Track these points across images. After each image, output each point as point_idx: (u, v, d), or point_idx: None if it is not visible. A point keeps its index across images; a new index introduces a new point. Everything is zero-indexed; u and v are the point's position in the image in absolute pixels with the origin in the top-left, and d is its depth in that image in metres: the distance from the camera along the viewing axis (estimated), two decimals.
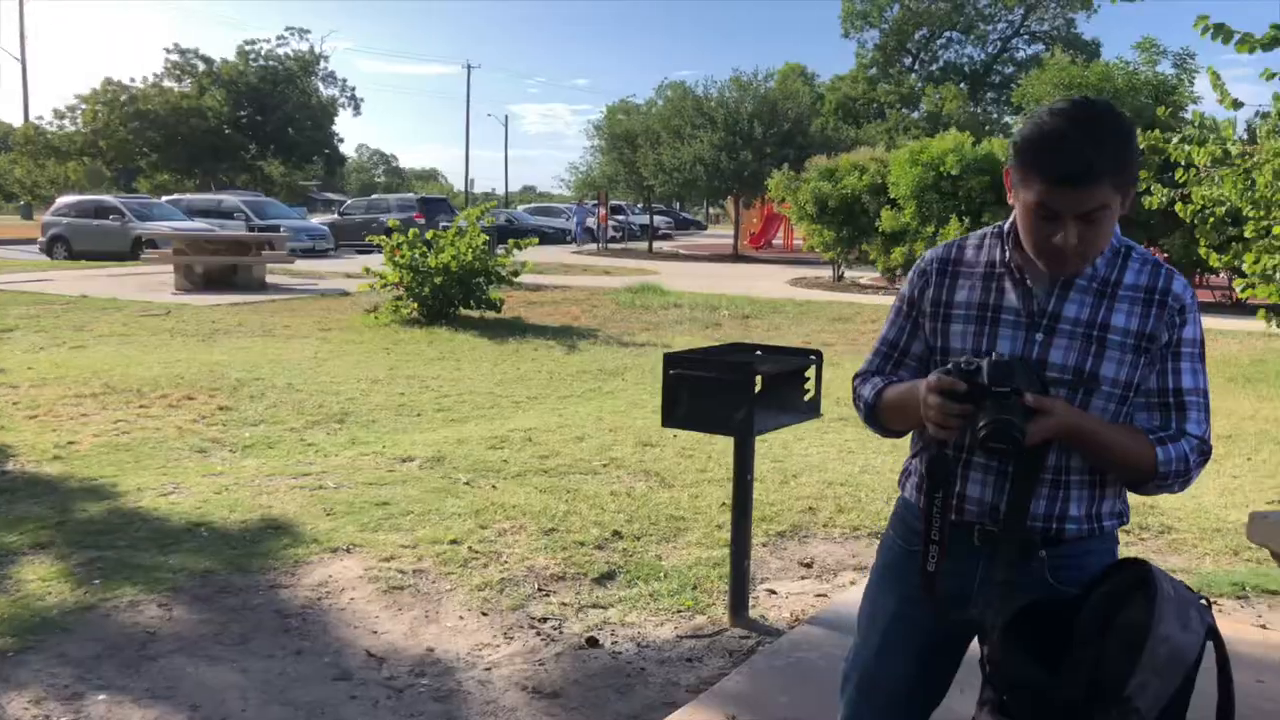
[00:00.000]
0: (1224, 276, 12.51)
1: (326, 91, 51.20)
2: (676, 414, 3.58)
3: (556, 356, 10.60)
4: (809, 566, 4.50)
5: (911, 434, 1.94)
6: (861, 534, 4.90)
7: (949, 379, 1.63)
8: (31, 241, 27.38)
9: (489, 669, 3.44)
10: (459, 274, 12.60)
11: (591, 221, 35.65)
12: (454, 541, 4.60)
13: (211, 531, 4.70)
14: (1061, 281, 1.72)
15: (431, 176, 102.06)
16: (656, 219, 39.37)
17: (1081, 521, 1.73)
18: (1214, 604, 1.58)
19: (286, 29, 49.39)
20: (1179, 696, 1.51)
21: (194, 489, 5.35)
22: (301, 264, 21.91)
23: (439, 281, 12.50)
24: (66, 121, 45.20)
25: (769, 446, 6.20)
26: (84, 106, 44.42)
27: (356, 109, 57.18)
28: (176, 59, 47.07)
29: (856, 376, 1.96)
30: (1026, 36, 51.54)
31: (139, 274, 19.01)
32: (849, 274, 21.71)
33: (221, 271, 17.03)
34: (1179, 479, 1.69)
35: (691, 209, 57.64)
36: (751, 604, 3.93)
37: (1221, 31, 8.64)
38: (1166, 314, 1.71)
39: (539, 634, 3.72)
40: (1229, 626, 2.70)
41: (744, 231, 33.85)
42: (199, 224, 24.67)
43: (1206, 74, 10.36)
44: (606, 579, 4.25)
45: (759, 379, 3.49)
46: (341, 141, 54.41)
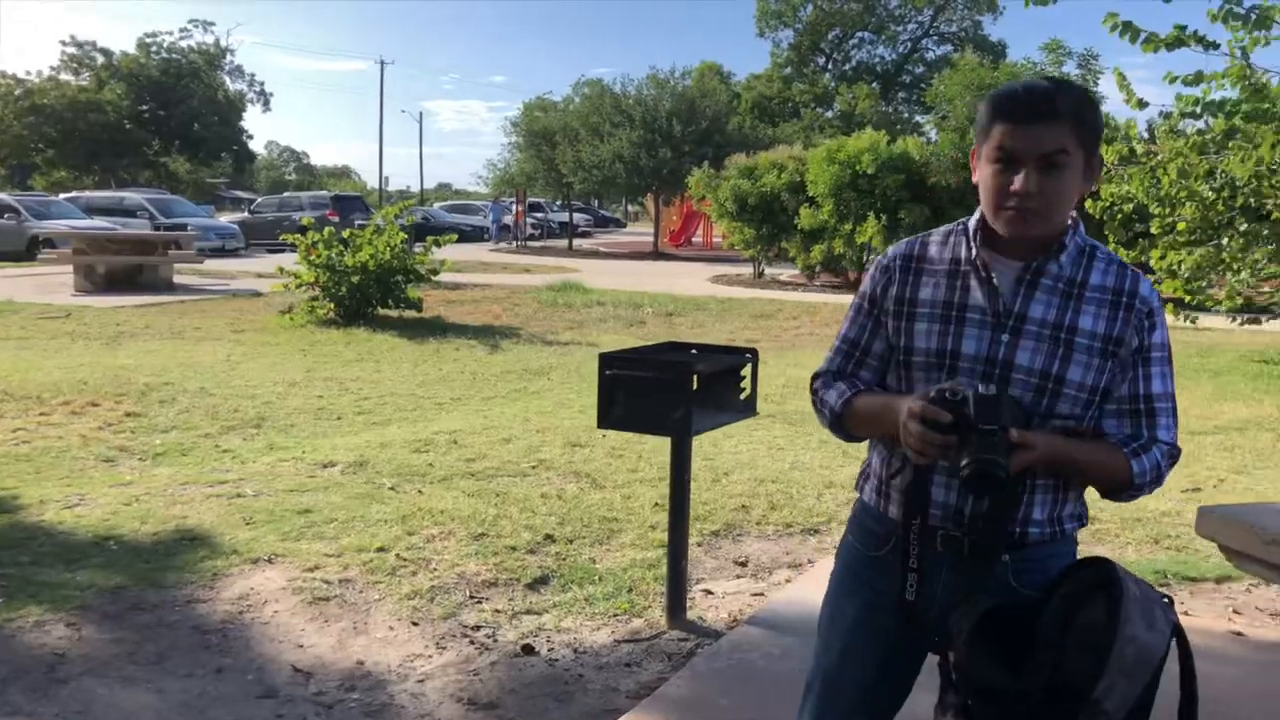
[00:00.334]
0: None
1: (234, 86, 49.91)
2: (613, 415, 3.51)
3: (479, 356, 10.44)
4: (744, 565, 4.47)
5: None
6: (795, 531, 4.89)
7: (933, 410, 1.57)
8: None
9: (422, 681, 3.33)
10: (377, 273, 12.35)
11: (508, 219, 35.22)
12: (381, 549, 4.46)
13: (121, 545, 4.48)
14: (1028, 280, 1.69)
15: (344, 174, 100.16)
16: (576, 216, 39.26)
17: (1044, 525, 1.71)
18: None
19: (189, 21, 47.92)
20: (1145, 696, 1.50)
21: (101, 500, 5.10)
22: (211, 264, 21.24)
23: (357, 281, 12.23)
24: None
25: (699, 445, 6.14)
26: None
27: (266, 104, 55.81)
28: (74, 51, 45.39)
29: (816, 377, 1.90)
30: (936, 37, 52.68)
31: (36, 275, 18.22)
32: (769, 271, 21.90)
33: (125, 272, 16.42)
34: (1152, 485, 1.71)
35: (610, 206, 57.62)
36: (688, 605, 3.89)
37: (1129, 30, 8.91)
38: (1135, 318, 1.70)
39: (472, 643, 3.62)
40: None
41: (664, 229, 33.93)
42: (100, 222, 23.75)
43: (1112, 75, 10.69)
44: (540, 584, 4.17)
45: (696, 378, 3.44)
46: (250, 138, 53.07)
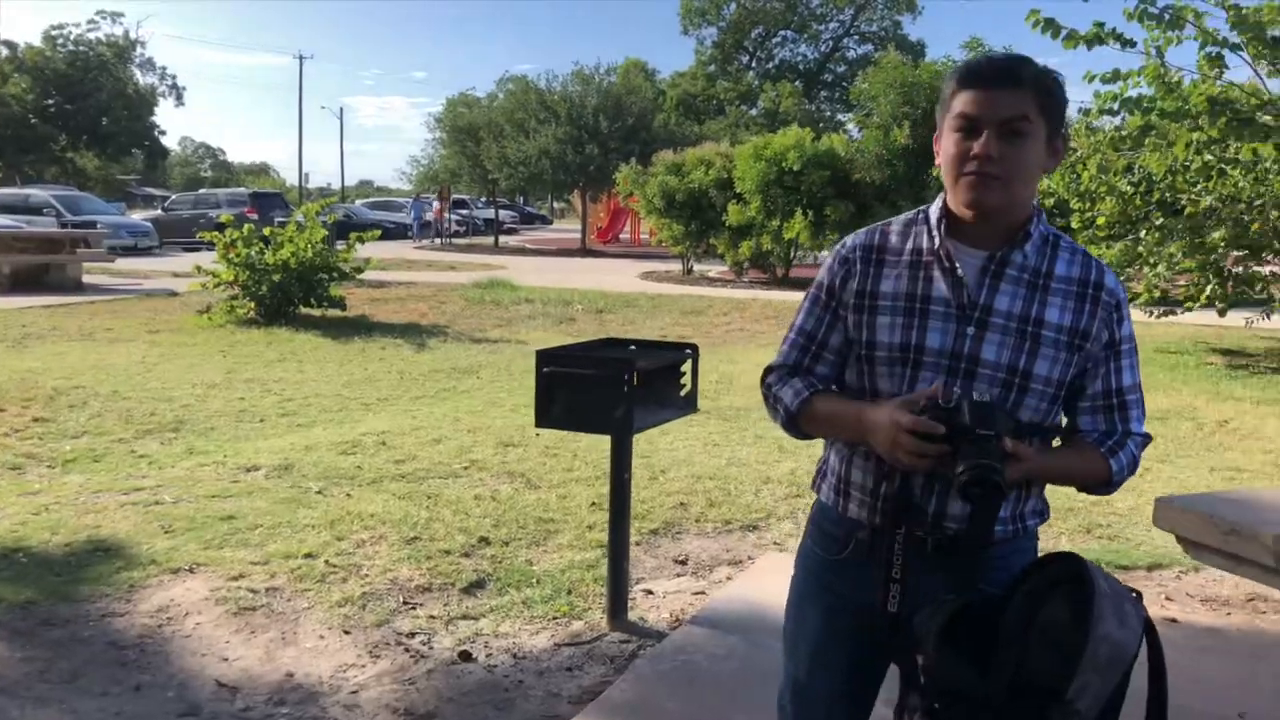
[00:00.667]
0: None
1: (144, 80, 48.38)
2: (551, 414, 3.42)
3: (406, 355, 10.23)
4: (684, 564, 4.41)
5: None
6: (734, 528, 4.85)
7: (927, 424, 1.52)
8: None
9: (355, 692, 3.20)
10: (299, 271, 12.06)
11: (430, 216, 34.55)
12: (309, 555, 4.30)
13: (30, 557, 4.24)
14: (993, 271, 1.65)
15: (263, 171, 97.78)
16: (501, 213, 38.88)
17: (1008, 523, 1.68)
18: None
19: (97, 13, 46.16)
20: (1116, 694, 1.47)
21: (8, 510, 4.84)
22: (123, 263, 20.54)
23: (278, 279, 11.92)
24: None
25: (635, 442, 6.09)
26: None
27: (179, 99, 54.22)
28: None
29: (770, 372, 1.83)
30: (857, 36, 53.46)
31: None
32: (698, 267, 21.94)
33: (31, 271, 15.77)
34: (1129, 476, 1.71)
35: (536, 203, 57.25)
36: (629, 606, 3.81)
37: (1051, 26, 9.09)
38: (1103, 310, 1.67)
39: (407, 651, 3.50)
40: None
41: (591, 226, 33.82)
42: (4, 220, 22.76)
43: None
44: (476, 588, 4.05)
45: (636, 375, 3.37)
46: (163, 134, 51.53)
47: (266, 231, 12.28)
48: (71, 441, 6.29)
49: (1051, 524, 4.88)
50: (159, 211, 31.59)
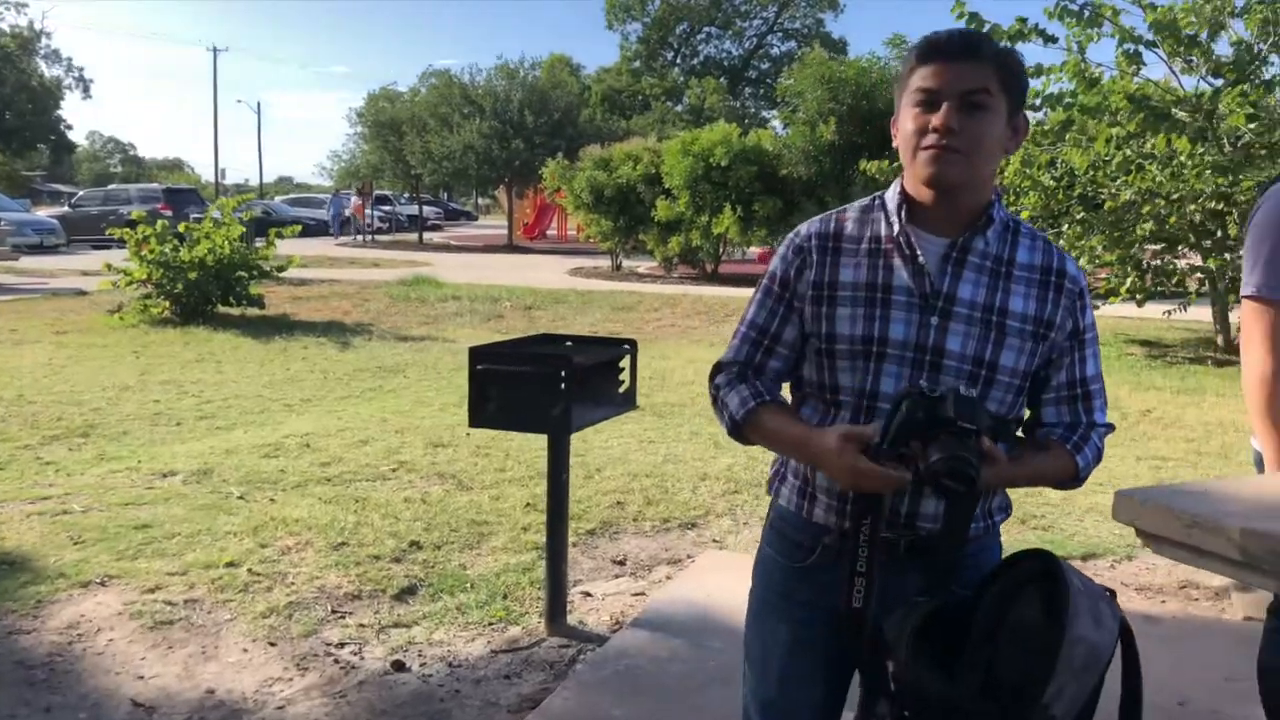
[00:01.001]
0: None
1: (50, 72, 46.53)
2: (486, 413, 3.29)
3: (329, 354, 9.96)
4: (622, 564, 4.32)
5: None
6: (672, 526, 4.78)
7: (888, 475, 1.47)
8: None
9: (282, 707, 3.05)
10: (216, 269, 11.70)
11: (349, 213, 33.55)
12: (230, 564, 4.11)
13: None
14: (955, 258, 1.59)
15: (176, 166, 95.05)
16: (425, 209, 38.33)
17: (979, 519, 1.63)
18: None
19: (0, 3, 44.30)
20: (1092, 697, 1.41)
21: None
22: (28, 261, 19.72)
23: (194, 277, 11.54)
24: None
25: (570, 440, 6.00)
26: None
27: (86, 91, 52.26)
28: None
29: (718, 370, 1.74)
30: (780, 34, 53.90)
31: None
32: (627, 263, 21.87)
33: None
34: (1094, 468, 1.67)
35: (461, 199, 56.62)
36: (568, 609, 3.71)
37: (975, 20, 9.21)
38: (1066, 298, 1.63)
39: (337, 662, 3.35)
40: None
41: (518, 222, 33.52)
42: None
43: None
44: (408, 594, 3.91)
45: (574, 371, 3.26)
46: (70, 128, 49.62)
47: (182, 228, 11.89)
48: None
49: None
50: (66, 208, 30.44)
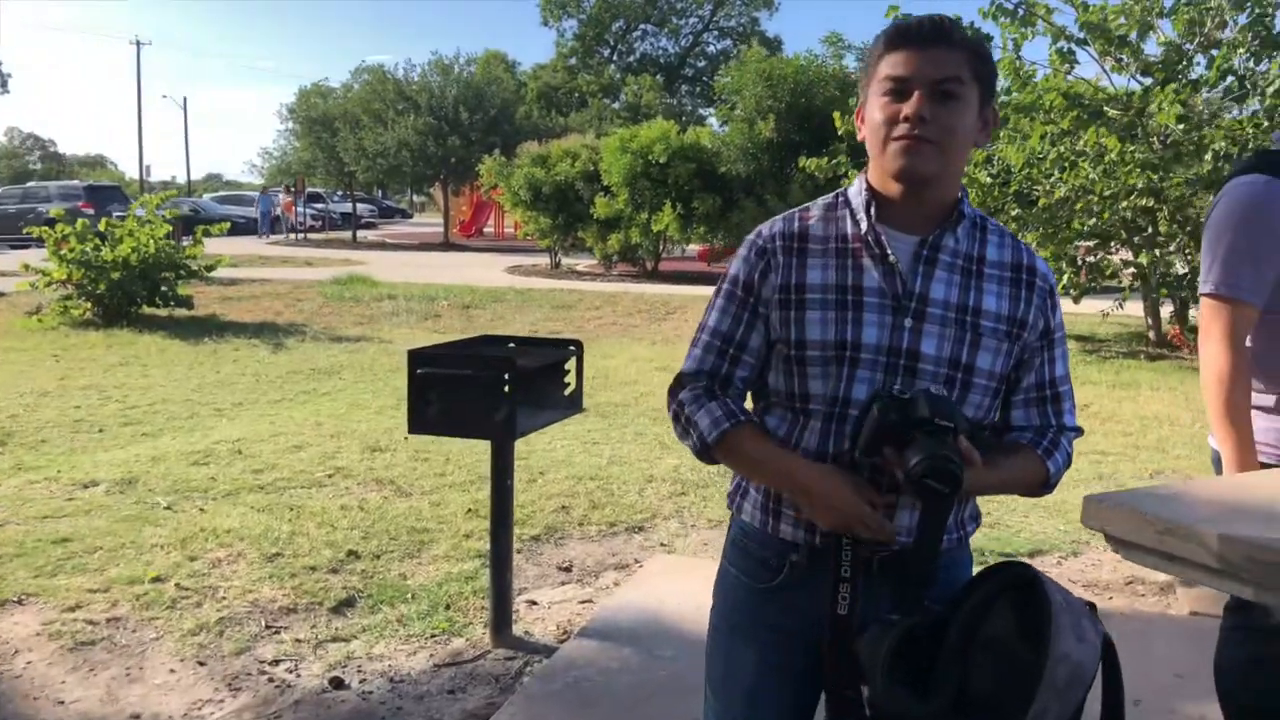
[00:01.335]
0: None
1: None
2: (426, 418, 3.16)
3: (261, 356, 9.69)
4: (568, 570, 4.22)
5: None
6: (619, 530, 4.68)
7: (887, 527, 1.42)
8: None
9: None
10: (141, 268, 11.33)
11: (278, 211, 32.66)
12: (157, 579, 3.92)
13: None
14: (925, 257, 1.51)
15: (99, 163, 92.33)
16: (360, 207, 37.71)
17: (952, 530, 1.55)
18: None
19: None
20: (1075, 716, 1.35)
21: None
22: None
23: (117, 277, 11.16)
24: None
25: None
26: None
27: (3, 86, 50.49)
28: None
29: (681, 384, 1.62)
30: (716, 32, 54.05)
31: None
32: (566, 261, 21.74)
33: None
34: (1064, 472, 1.61)
35: (396, 197, 55.83)
36: (513, 619, 3.59)
37: None
38: (1038, 297, 1.56)
39: (272, 681, 3.20)
40: None
41: (454, 219, 33.14)
42: None
43: None
44: (346, 607, 3.77)
45: (518, 374, 3.15)
46: None
47: (103, 225, 11.48)
48: None
49: None
50: None
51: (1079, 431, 1.63)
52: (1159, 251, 9.77)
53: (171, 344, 10.25)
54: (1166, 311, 10.83)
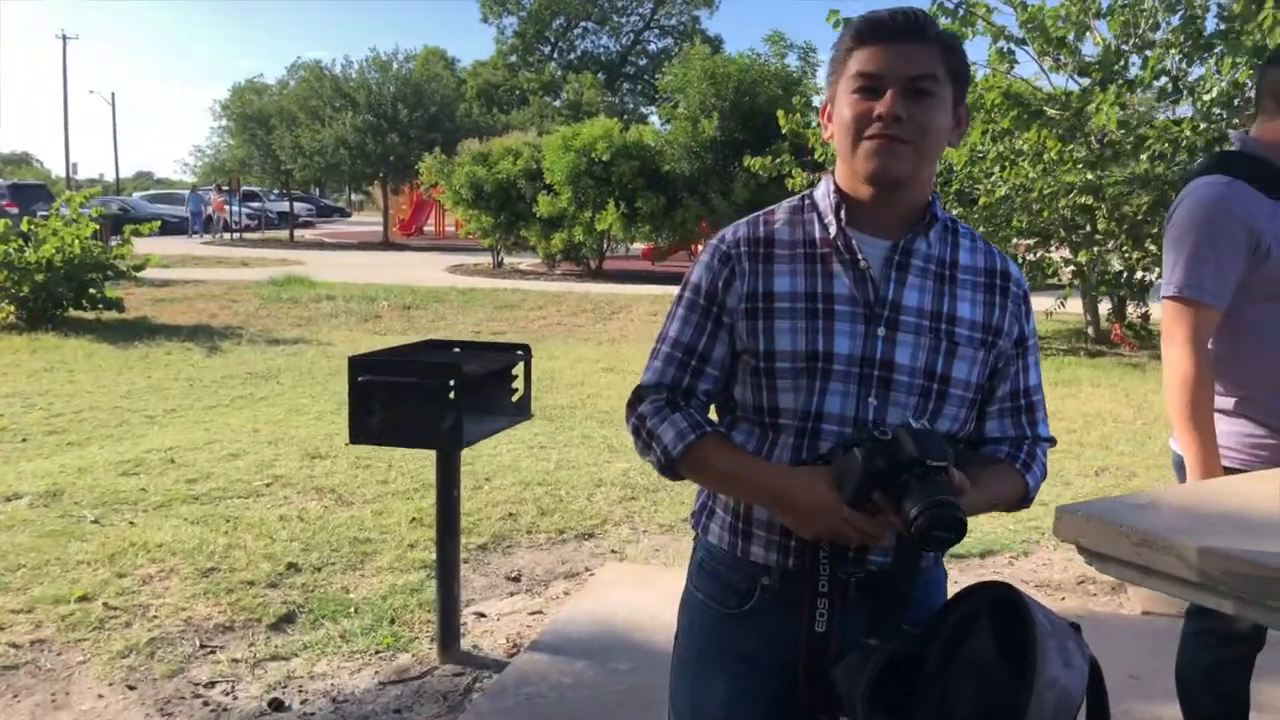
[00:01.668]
0: None
1: None
2: (368, 428, 3.04)
3: (195, 360, 9.41)
4: (517, 580, 4.11)
5: None
6: (568, 537, 4.58)
7: (872, 525, 1.31)
8: None
9: None
10: (66, 269, 10.99)
11: (209, 210, 31.73)
12: (84, 598, 3.74)
13: None
14: (898, 262, 1.44)
15: (24, 161, 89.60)
16: (297, 206, 37.05)
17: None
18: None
19: None
20: None
21: None
22: None
23: (41, 279, 10.81)
24: None
25: None
26: None
27: None
28: None
29: (641, 397, 1.53)
30: (657, 30, 54.08)
31: None
32: (509, 260, 21.55)
33: None
34: (1040, 485, 1.56)
35: (334, 195, 55.01)
36: (461, 633, 3.48)
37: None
38: (1012, 303, 1.50)
39: (206, 704, 3.05)
40: None
41: (393, 218, 32.71)
42: None
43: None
44: (285, 623, 3.62)
45: (464, 381, 3.03)
46: None
47: (25, 225, 11.08)
48: None
49: None
50: None
51: (1053, 441, 1.58)
52: (1097, 250, 9.91)
53: (100, 348, 9.92)
54: (1105, 309, 11.01)
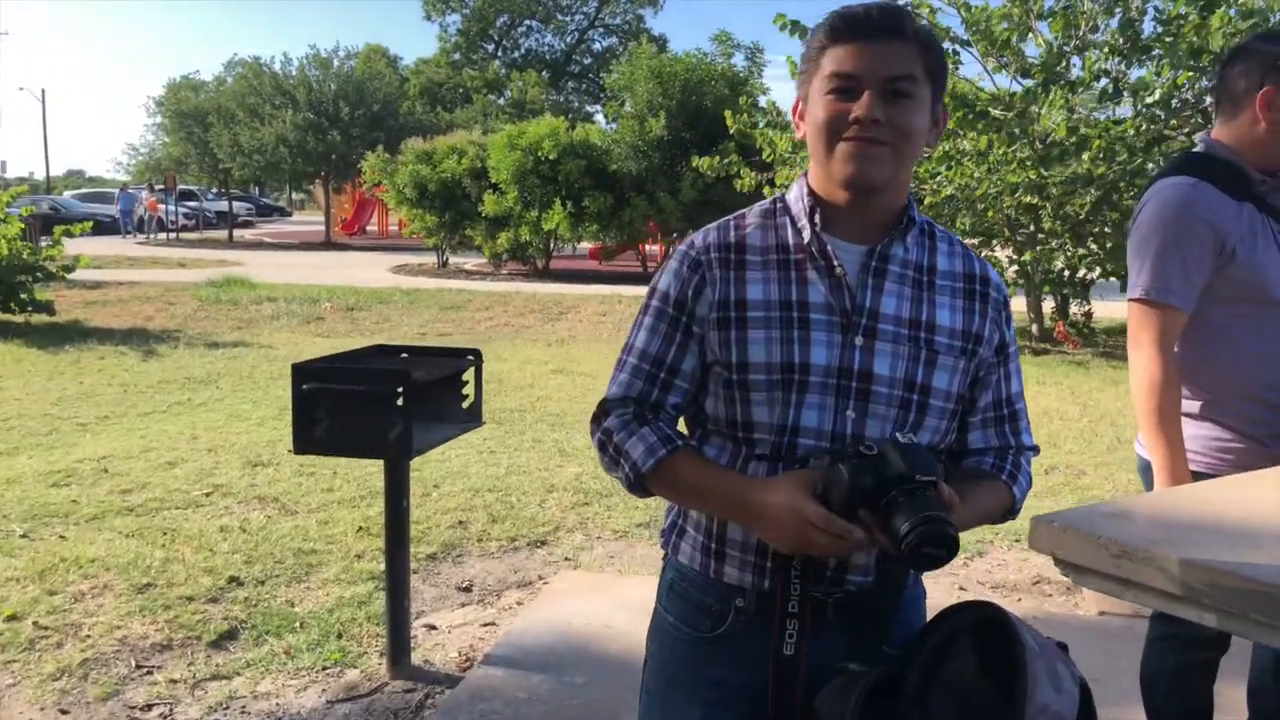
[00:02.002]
0: None
1: None
2: (313, 438, 2.92)
3: (130, 365, 9.12)
4: (468, 590, 4.01)
5: None
6: (520, 545, 4.48)
7: (843, 524, 1.23)
8: None
9: None
10: None
11: (141, 210, 30.89)
12: (12, 618, 3.57)
13: None
14: (874, 268, 1.38)
15: None
16: (236, 205, 36.32)
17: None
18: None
19: None
20: None
21: None
22: None
23: None
24: None
25: None
26: None
27: None
28: None
29: (607, 411, 1.45)
30: (602, 29, 53.95)
31: None
32: (454, 260, 21.32)
33: None
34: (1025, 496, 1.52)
35: (274, 194, 54.07)
36: (411, 646, 3.37)
37: (798, 29, 9.30)
38: (992, 309, 1.45)
39: None
40: None
41: (335, 217, 32.21)
42: None
43: (786, 63, 11.10)
44: (227, 640, 3.48)
45: (413, 388, 2.93)
46: None
47: None
48: None
49: None
50: None
51: (1036, 450, 1.53)
52: (1040, 249, 10.03)
53: (29, 353, 9.58)
54: (1049, 307, 11.14)
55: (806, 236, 1.39)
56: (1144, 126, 8.82)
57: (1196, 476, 2.06)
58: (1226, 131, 2.13)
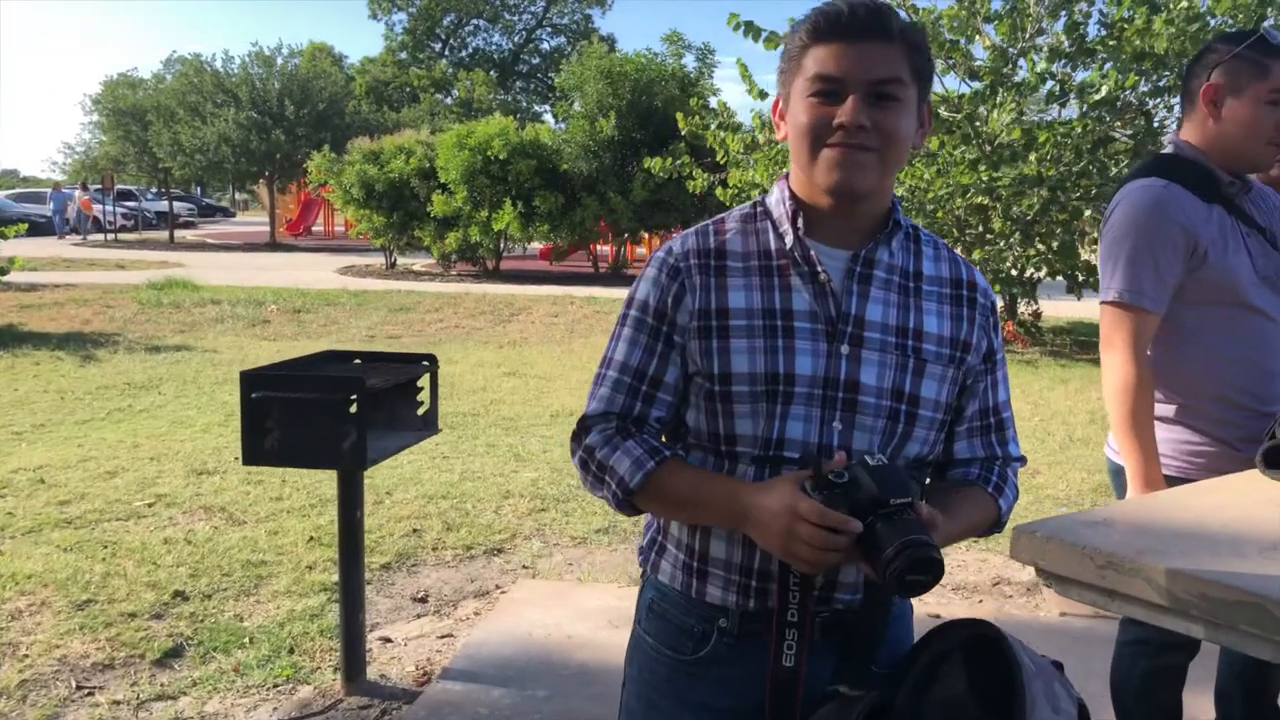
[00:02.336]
0: None
1: None
2: (263, 448, 2.81)
3: (67, 370, 8.84)
4: (424, 601, 3.91)
5: None
6: (476, 553, 4.39)
7: (837, 516, 1.15)
8: None
9: None
10: None
11: (74, 209, 30.14)
12: None
13: None
14: (859, 274, 1.33)
15: None
16: (177, 206, 35.56)
17: None
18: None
19: None
20: None
21: None
22: None
23: None
24: None
25: None
26: None
27: None
28: None
29: (588, 428, 1.38)
30: (550, 29, 53.74)
31: None
32: (402, 261, 21.06)
33: None
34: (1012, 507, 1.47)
35: (216, 194, 53.04)
36: (366, 660, 3.27)
37: (751, 29, 9.31)
38: (980, 315, 1.40)
39: None
40: None
41: (280, 218, 31.66)
42: None
43: (736, 65, 11.13)
44: (172, 658, 3.36)
45: (367, 396, 2.83)
46: None
47: None
48: None
49: None
50: None
51: (1023, 460, 1.49)
52: (990, 249, 10.13)
53: None
54: (1025, 309, 11.21)
55: (789, 242, 1.33)
56: (1090, 127, 8.94)
57: (1168, 480, 2.05)
58: (1190, 130, 2.13)
